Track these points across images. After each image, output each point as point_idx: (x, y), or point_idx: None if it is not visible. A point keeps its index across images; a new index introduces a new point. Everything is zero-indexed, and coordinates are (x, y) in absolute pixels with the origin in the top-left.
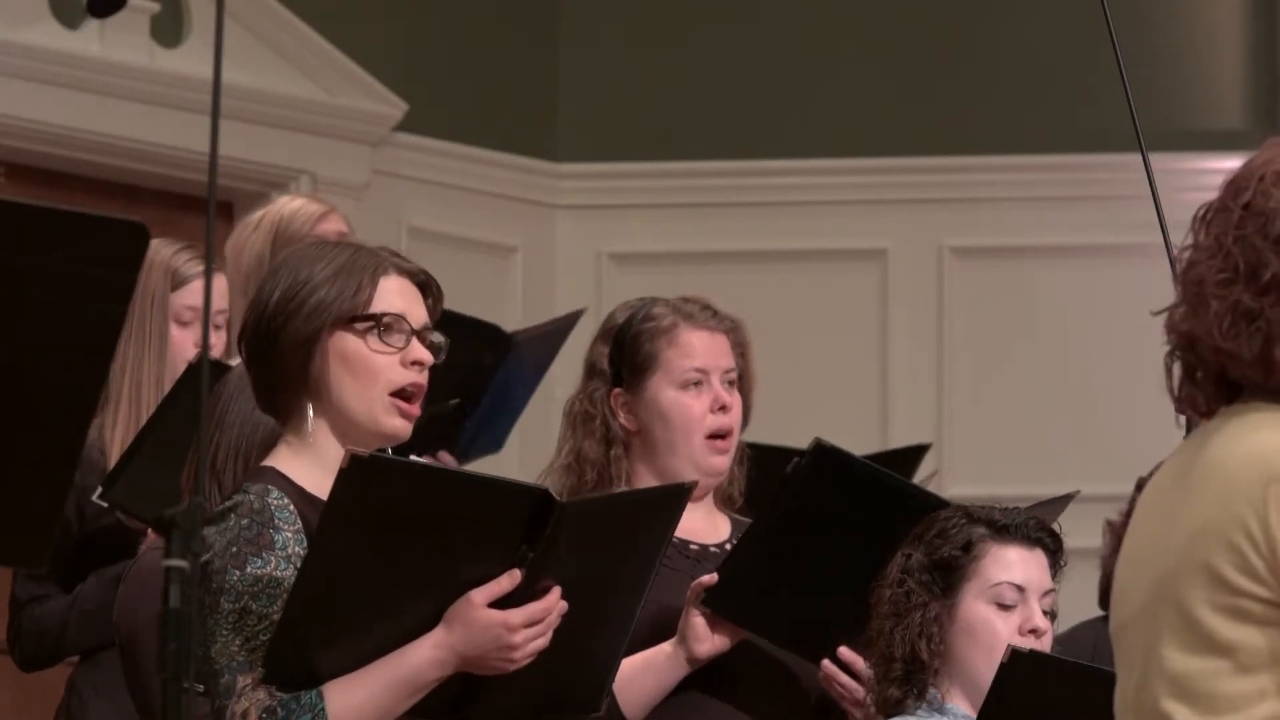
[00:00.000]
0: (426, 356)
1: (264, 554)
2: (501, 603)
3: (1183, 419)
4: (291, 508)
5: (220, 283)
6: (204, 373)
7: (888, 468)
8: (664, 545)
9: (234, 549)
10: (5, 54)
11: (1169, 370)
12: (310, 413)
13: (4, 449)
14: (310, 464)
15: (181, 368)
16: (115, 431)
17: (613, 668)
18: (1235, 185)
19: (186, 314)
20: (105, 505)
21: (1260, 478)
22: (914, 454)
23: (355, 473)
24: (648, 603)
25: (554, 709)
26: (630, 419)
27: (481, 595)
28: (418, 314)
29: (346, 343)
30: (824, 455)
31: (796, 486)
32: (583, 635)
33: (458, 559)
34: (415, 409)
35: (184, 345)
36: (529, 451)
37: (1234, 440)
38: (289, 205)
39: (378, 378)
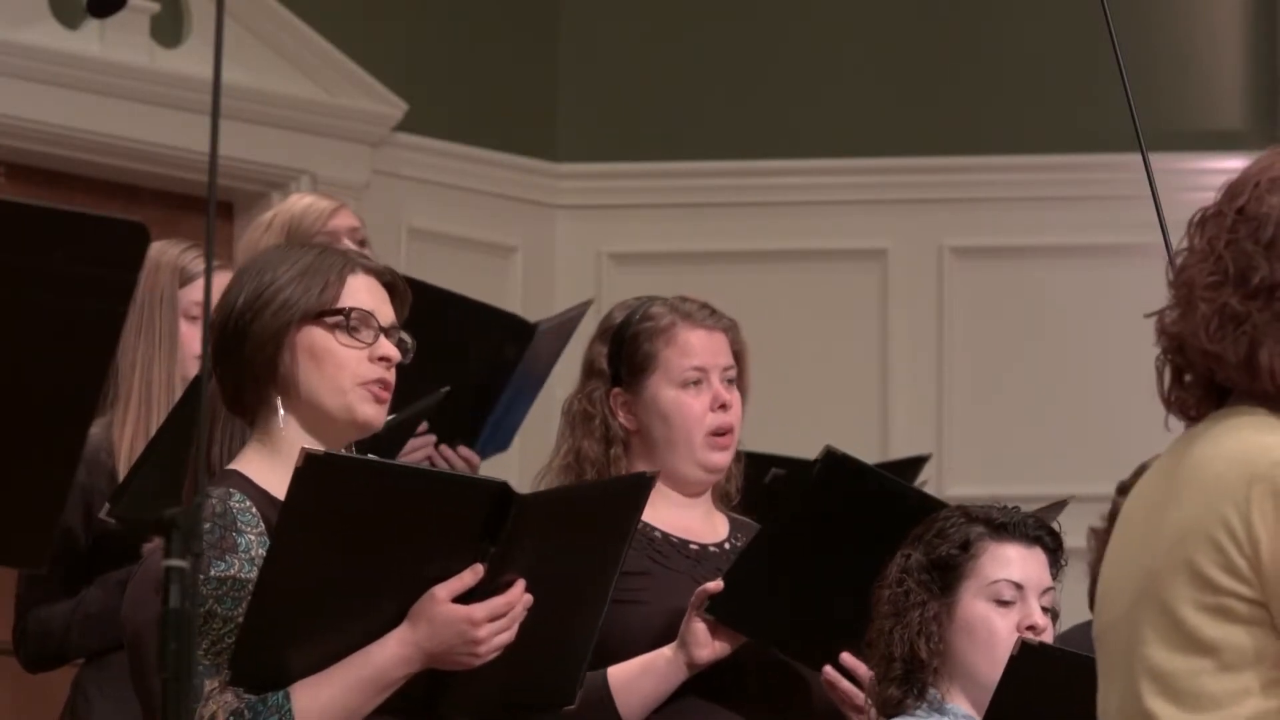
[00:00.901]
0: (394, 353)
1: (227, 557)
2: (465, 597)
3: (1174, 420)
4: (254, 510)
5: (225, 278)
6: (204, 373)
7: None
8: (630, 535)
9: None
10: (5, 54)
11: (1160, 374)
12: (280, 409)
13: (4, 449)
14: (275, 466)
15: (191, 362)
16: (125, 430)
17: (584, 659)
18: (1232, 190)
19: (195, 309)
20: (113, 522)
21: (1244, 477)
22: (914, 464)
23: (311, 471)
24: (651, 605)
25: (526, 703)
26: (630, 418)
27: (444, 591)
28: (385, 312)
29: (314, 337)
30: (835, 463)
31: (805, 494)
32: (551, 628)
33: (419, 556)
34: (386, 395)
35: (194, 340)
36: (529, 451)
37: (1218, 442)
38: (299, 203)
39: (345, 371)
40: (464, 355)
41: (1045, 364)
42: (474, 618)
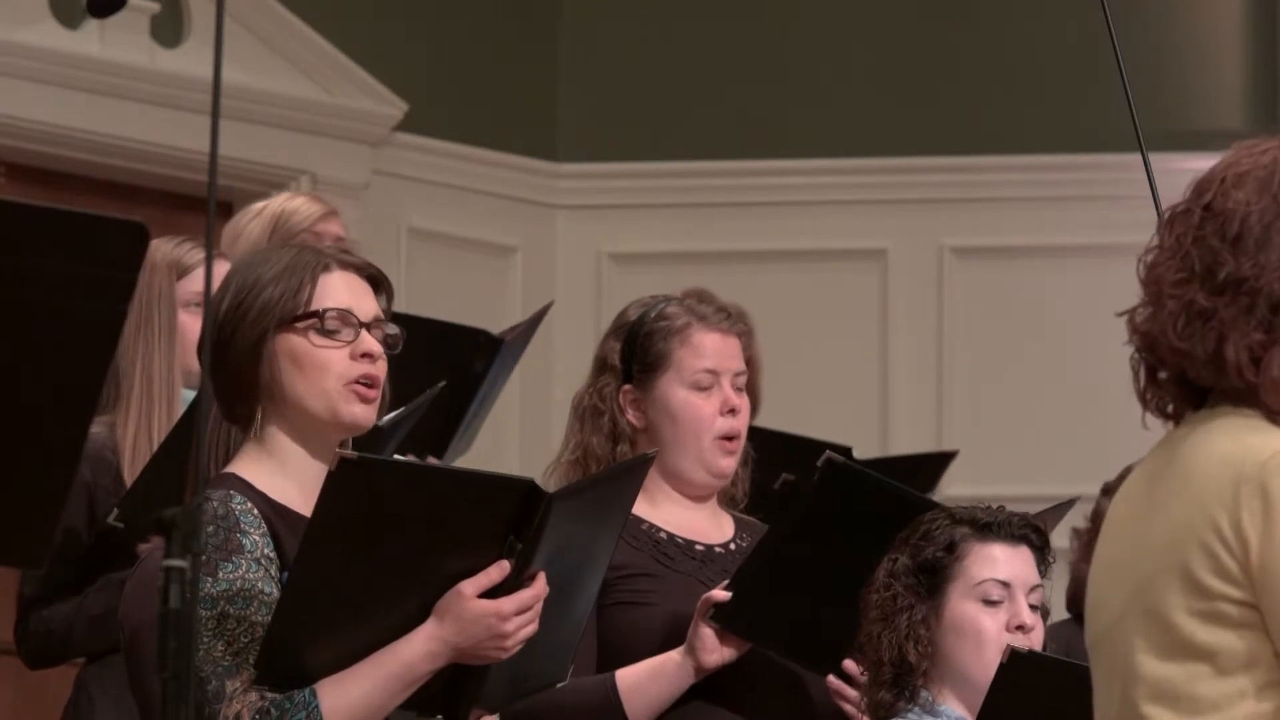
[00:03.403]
0: (376, 348)
1: (234, 558)
2: (488, 591)
3: (1152, 420)
4: (255, 511)
5: (223, 268)
6: (205, 374)
7: (913, 472)
8: (626, 516)
9: (203, 556)
10: (5, 54)
11: (1135, 372)
12: (260, 417)
13: (4, 449)
14: (271, 470)
15: (192, 353)
16: (128, 428)
17: (578, 637)
18: (1199, 187)
19: (195, 298)
20: (121, 526)
21: (1231, 480)
22: (939, 460)
23: (344, 474)
24: (657, 607)
25: (524, 685)
26: (638, 416)
27: (471, 587)
28: (367, 307)
29: (292, 343)
30: (834, 471)
31: (806, 501)
32: (556, 612)
33: (446, 553)
34: (374, 394)
35: (194, 331)
36: (529, 451)
37: (1204, 445)
38: (292, 201)
39: (327, 372)
40: (435, 376)
41: (1045, 364)
42: (502, 612)
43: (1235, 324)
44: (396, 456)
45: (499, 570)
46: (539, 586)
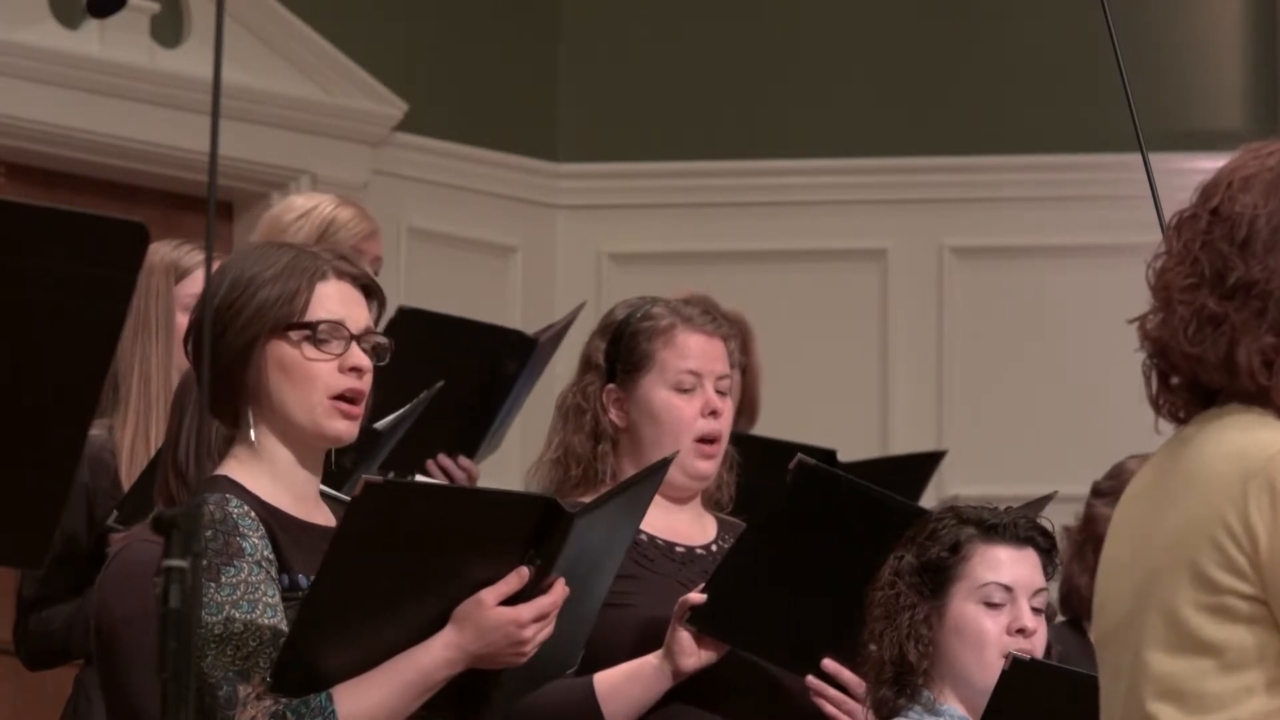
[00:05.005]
0: (365, 363)
1: (236, 562)
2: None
3: (1164, 424)
4: (253, 515)
5: None
6: (204, 375)
7: (901, 473)
8: (644, 513)
9: (204, 562)
10: (5, 54)
11: (1147, 378)
12: (251, 419)
13: (4, 449)
14: (261, 472)
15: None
16: (126, 430)
17: (590, 625)
18: (1206, 192)
19: (195, 300)
20: (121, 529)
21: (1239, 475)
22: (928, 461)
23: (368, 499)
24: (636, 609)
25: (539, 676)
26: (621, 415)
27: (492, 596)
28: (358, 318)
29: (283, 351)
30: (807, 474)
31: (780, 504)
32: (572, 607)
33: (466, 566)
34: (357, 410)
35: None
36: (530, 450)
37: (1211, 442)
38: (343, 212)
39: (315, 385)
40: (468, 376)
41: (1045, 364)
42: (521, 619)
43: (1246, 328)
44: (422, 478)
45: (518, 579)
46: (556, 593)
